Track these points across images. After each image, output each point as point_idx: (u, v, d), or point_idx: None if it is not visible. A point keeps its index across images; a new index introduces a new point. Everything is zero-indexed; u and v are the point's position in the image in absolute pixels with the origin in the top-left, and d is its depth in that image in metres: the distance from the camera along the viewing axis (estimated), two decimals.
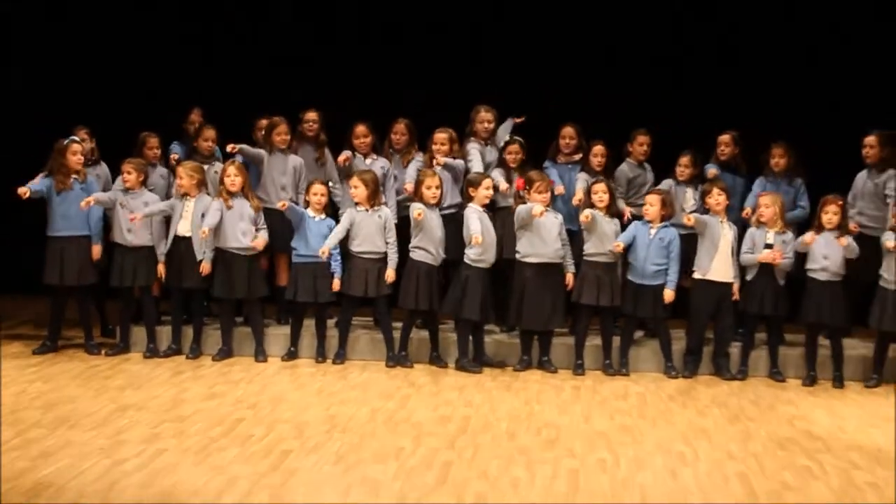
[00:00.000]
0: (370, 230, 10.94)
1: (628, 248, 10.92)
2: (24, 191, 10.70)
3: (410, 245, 11.01)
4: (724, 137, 11.74)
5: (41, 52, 13.92)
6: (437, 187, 10.95)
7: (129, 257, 11.00)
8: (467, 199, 11.03)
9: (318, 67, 13.43)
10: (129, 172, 11.03)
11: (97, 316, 11.37)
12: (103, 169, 11.55)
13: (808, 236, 10.63)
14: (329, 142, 11.97)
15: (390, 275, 10.96)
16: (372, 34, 13.64)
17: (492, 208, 11.15)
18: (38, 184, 10.87)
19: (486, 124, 11.65)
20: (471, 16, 13.40)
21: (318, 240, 10.91)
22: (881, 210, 11.18)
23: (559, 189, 11.20)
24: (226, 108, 12.21)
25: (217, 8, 13.89)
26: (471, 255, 10.87)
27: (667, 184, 11.54)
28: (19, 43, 14.12)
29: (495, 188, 11.03)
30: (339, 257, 10.99)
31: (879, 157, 11.37)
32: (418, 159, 11.62)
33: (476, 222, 10.70)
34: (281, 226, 11.20)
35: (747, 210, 11.21)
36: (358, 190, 10.93)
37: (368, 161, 11.53)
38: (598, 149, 11.52)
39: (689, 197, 11.43)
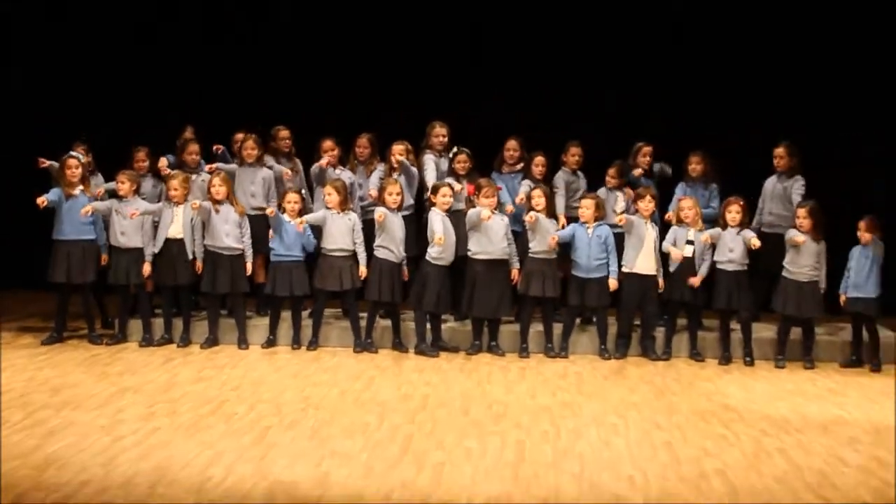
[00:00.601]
0: (341, 231, 10.90)
1: (570, 247, 10.91)
2: (41, 200, 10.70)
3: (375, 244, 10.96)
4: (647, 149, 11.69)
5: (43, 62, 13.54)
6: (397, 193, 10.94)
7: (124, 258, 10.94)
8: (430, 204, 11.03)
9: (290, 86, 13.20)
10: (122, 182, 10.98)
11: (98, 310, 11.18)
12: (99, 179, 11.42)
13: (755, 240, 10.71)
14: (298, 154, 11.93)
15: (363, 271, 10.95)
16: (346, 60, 13.41)
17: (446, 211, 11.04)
18: (51, 194, 10.82)
19: (440, 138, 11.60)
20: (424, 46, 13.26)
21: (294, 240, 10.91)
22: (787, 210, 11.17)
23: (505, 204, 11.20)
24: (214, 121, 12.06)
25: (211, 29, 13.59)
26: (432, 253, 10.86)
27: (602, 191, 11.49)
28: (20, 53, 13.68)
29: (453, 190, 10.99)
30: (310, 232, 10.97)
31: (788, 165, 11.37)
32: (380, 168, 11.54)
33: (439, 224, 10.73)
34: (257, 229, 11.14)
35: (670, 214, 11.19)
36: (331, 196, 10.89)
37: (336, 172, 11.42)
38: (539, 159, 11.51)
39: (619, 201, 11.39)
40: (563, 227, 11.10)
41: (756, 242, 10.70)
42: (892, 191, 12.12)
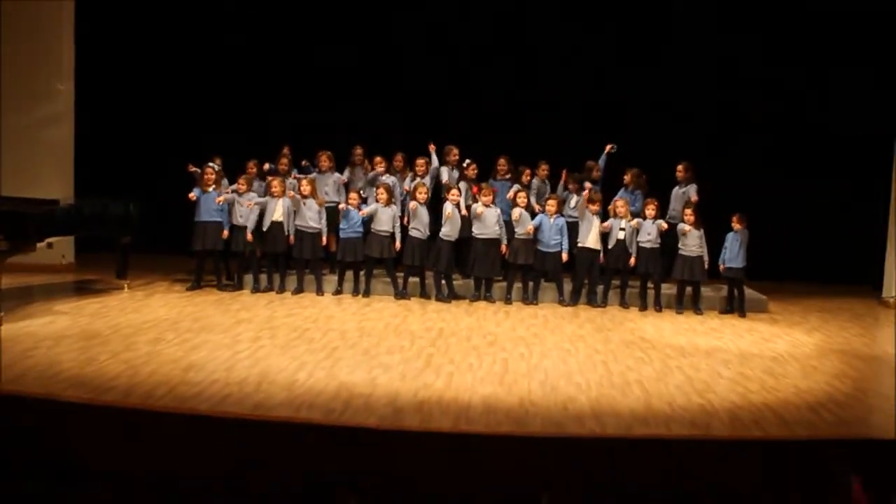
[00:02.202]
0: (386, 218, 10.85)
1: (538, 230, 10.82)
2: (192, 196, 10.81)
3: (410, 226, 10.91)
4: (595, 165, 11.48)
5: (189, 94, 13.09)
6: (425, 192, 10.88)
7: (242, 232, 10.89)
8: (445, 199, 10.96)
9: (358, 117, 12.58)
10: (241, 184, 11.00)
11: (223, 268, 11.19)
12: (225, 181, 11.31)
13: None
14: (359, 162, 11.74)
15: (398, 245, 10.88)
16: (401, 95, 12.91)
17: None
18: (195, 191, 10.85)
19: (453, 156, 11.49)
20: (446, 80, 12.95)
21: (356, 223, 10.85)
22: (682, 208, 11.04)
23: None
24: (302, 142, 11.83)
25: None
26: (444, 231, 10.82)
27: (562, 193, 11.41)
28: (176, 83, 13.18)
29: (460, 191, 10.98)
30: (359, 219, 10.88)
31: (685, 177, 11.29)
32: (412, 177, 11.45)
33: (450, 208, 10.74)
34: (330, 215, 11.07)
35: (610, 207, 11.05)
36: (382, 195, 10.85)
37: (385, 177, 11.36)
38: (527, 171, 11.45)
39: (573, 201, 11.26)
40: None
41: (664, 225, 10.77)
42: (756, 192, 12.02)
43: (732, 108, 12.65)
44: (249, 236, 10.86)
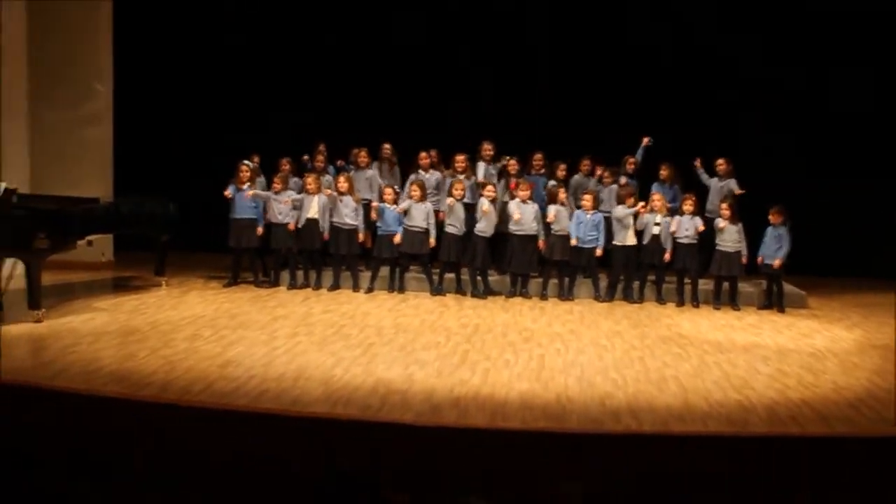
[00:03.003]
0: (420, 214, 10.83)
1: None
2: (227, 193, 10.90)
3: (445, 222, 10.91)
4: (630, 158, 11.50)
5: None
6: (462, 189, 10.85)
7: (280, 230, 10.94)
8: (480, 195, 10.97)
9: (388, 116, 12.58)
10: (277, 182, 11.02)
11: (260, 264, 11.25)
12: (262, 179, 11.38)
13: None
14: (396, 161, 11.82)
15: (432, 242, 10.85)
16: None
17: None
18: (230, 189, 10.92)
19: (488, 151, 11.47)
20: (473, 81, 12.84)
21: (392, 220, 10.86)
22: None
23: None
24: (338, 138, 11.86)
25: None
26: (479, 227, 10.80)
27: (597, 187, 11.34)
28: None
29: (495, 188, 11.00)
30: (399, 220, 10.87)
31: (725, 170, 11.24)
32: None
33: (487, 204, 10.74)
34: (367, 212, 11.09)
35: (642, 206, 10.89)
36: (415, 192, 10.86)
37: (429, 175, 11.40)
38: (562, 165, 11.30)
39: (612, 195, 11.22)
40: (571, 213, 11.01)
41: (701, 227, 10.67)
42: (796, 187, 11.89)
43: (773, 100, 12.49)
44: (291, 226, 10.89)
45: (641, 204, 10.79)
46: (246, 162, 11.08)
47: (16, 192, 9.15)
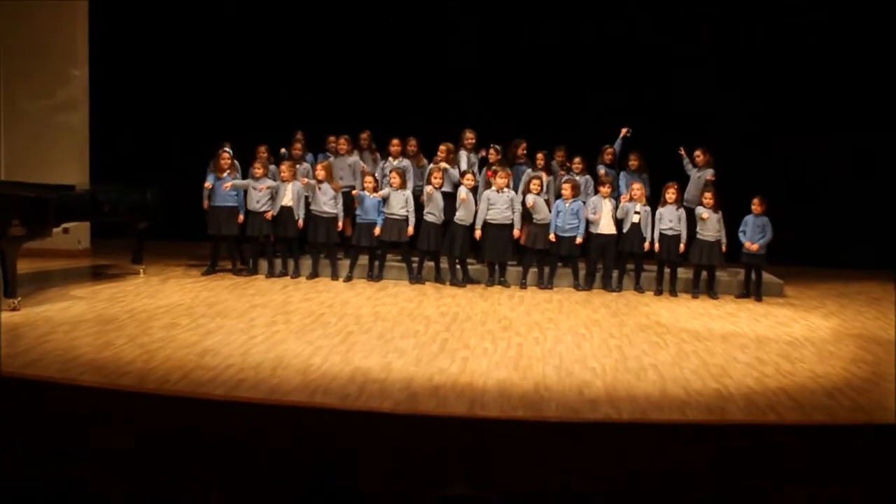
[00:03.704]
0: (399, 202, 10.81)
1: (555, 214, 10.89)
2: (207, 185, 10.89)
3: (424, 211, 10.90)
4: (608, 147, 11.52)
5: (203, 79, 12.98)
6: (440, 177, 10.87)
7: (257, 217, 10.91)
8: (460, 183, 10.97)
9: (370, 101, 12.54)
10: (256, 168, 10.96)
11: (238, 253, 11.19)
12: (237, 165, 11.30)
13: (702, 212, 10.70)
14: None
15: (410, 230, 10.82)
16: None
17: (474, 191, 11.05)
18: (209, 178, 10.93)
19: (469, 140, 11.47)
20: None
21: (371, 208, 10.83)
22: (699, 192, 10.99)
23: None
24: (317, 126, 11.85)
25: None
26: (458, 215, 10.81)
27: (582, 179, 11.35)
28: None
29: (475, 176, 11.06)
30: (378, 208, 10.85)
31: (703, 160, 11.22)
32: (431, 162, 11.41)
33: (464, 192, 10.76)
34: (346, 200, 11.06)
35: (624, 196, 10.92)
36: (395, 179, 10.85)
37: (397, 161, 11.36)
38: (539, 155, 11.26)
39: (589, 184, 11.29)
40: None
41: (705, 215, 10.63)
42: (773, 175, 11.98)
43: (748, 90, 12.54)
44: (269, 215, 10.86)
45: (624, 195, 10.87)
46: (226, 149, 11.03)
47: None
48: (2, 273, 8.64)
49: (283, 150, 11.49)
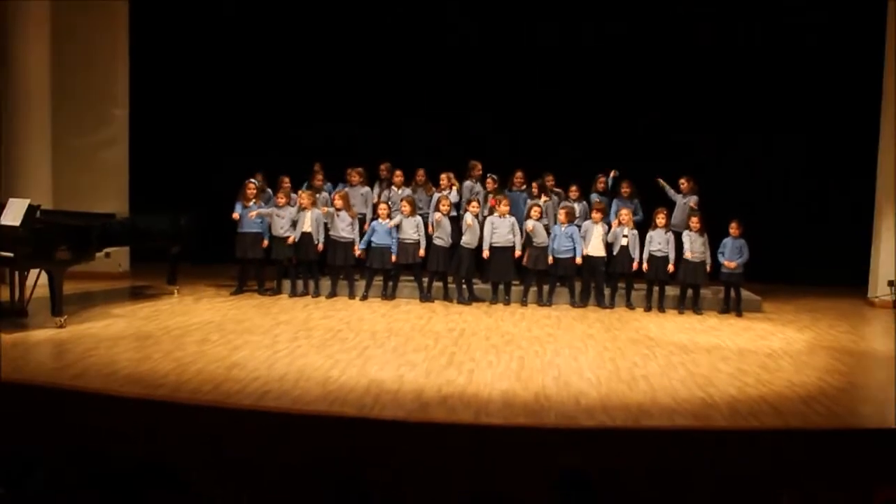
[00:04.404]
0: (411, 227, 10.80)
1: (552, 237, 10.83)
2: (235, 215, 10.90)
3: (434, 235, 10.86)
4: (601, 177, 11.48)
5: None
6: (447, 204, 10.86)
7: (281, 242, 10.89)
8: (465, 211, 10.97)
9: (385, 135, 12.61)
10: (280, 197, 10.97)
11: (263, 274, 11.16)
12: (268, 194, 11.33)
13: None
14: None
15: (422, 252, 10.79)
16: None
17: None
18: (237, 207, 10.93)
19: (476, 171, 11.45)
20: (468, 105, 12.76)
21: (383, 234, 10.80)
22: (684, 217, 10.96)
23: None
24: (334, 159, 11.82)
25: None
26: (464, 239, 10.76)
27: (576, 206, 11.21)
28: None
29: (479, 203, 11.01)
30: (391, 234, 10.82)
31: (688, 187, 11.20)
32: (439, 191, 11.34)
33: (471, 218, 10.73)
34: (361, 226, 11.07)
35: (615, 222, 10.87)
36: (405, 207, 10.85)
37: (404, 190, 11.37)
38: (534, 184, 11.30)
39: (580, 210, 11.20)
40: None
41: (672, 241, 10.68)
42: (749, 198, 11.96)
43: (729, 109, 12.54)
44: (291, 240, 10.83)
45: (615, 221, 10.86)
46: (252, 180, 11.05)
47: (40, 208, 9.09)
48: (50, 294, 8.65)
49: (305, 186, 11.43)
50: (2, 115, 11.01)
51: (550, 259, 10.78)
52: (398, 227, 10.82)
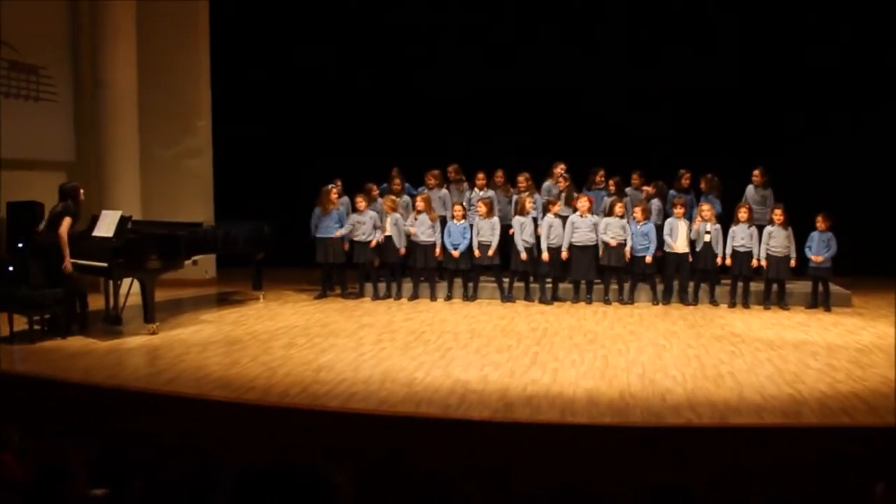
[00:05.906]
0: (486, 229, 10.81)
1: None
2: (316, 234, 11.09)
3: (515, 236, 10.77)
4: (684, 172, 11.28)
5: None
6: (531, 205, 10.84)
7: (362, 246, 11.01)
8: (545, 212, 10.88)
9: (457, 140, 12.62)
10: (359, 202, 11.10)
11: (345, 278, 11.31)
12: (345, 199, 11.46)
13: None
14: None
15: (490, 252, 10.73)
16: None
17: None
18: (315, 213, 11.13)
19: (560, 170, 11.37)
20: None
21: (458, 235, 10.87)
22: (763, 209, 10.81)
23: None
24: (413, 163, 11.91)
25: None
26: (546, 239, 10.67)
27: (652, 203, 11.13)
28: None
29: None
30: (464, 234, 10.86)
31: (761, 181, 11.01)
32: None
33: (550, 219, 10.70)
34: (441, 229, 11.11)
35: (697, 219, 10.70)
36: (482, 208, 10.85)
37: (483, 192, 11.36)
38: (611, 181, 11.26)
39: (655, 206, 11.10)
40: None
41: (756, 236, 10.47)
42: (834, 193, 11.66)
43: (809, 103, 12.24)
44: (373, 243, 10.94)
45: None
46: (330, 186, 11.21)
47: (131, 219, 9.39)
48: (142, 301, 8.91)
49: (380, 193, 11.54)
50: (98, 134, 11.42)
51: (627, 256, 10.69)
52: (473, 227, 10.86)
